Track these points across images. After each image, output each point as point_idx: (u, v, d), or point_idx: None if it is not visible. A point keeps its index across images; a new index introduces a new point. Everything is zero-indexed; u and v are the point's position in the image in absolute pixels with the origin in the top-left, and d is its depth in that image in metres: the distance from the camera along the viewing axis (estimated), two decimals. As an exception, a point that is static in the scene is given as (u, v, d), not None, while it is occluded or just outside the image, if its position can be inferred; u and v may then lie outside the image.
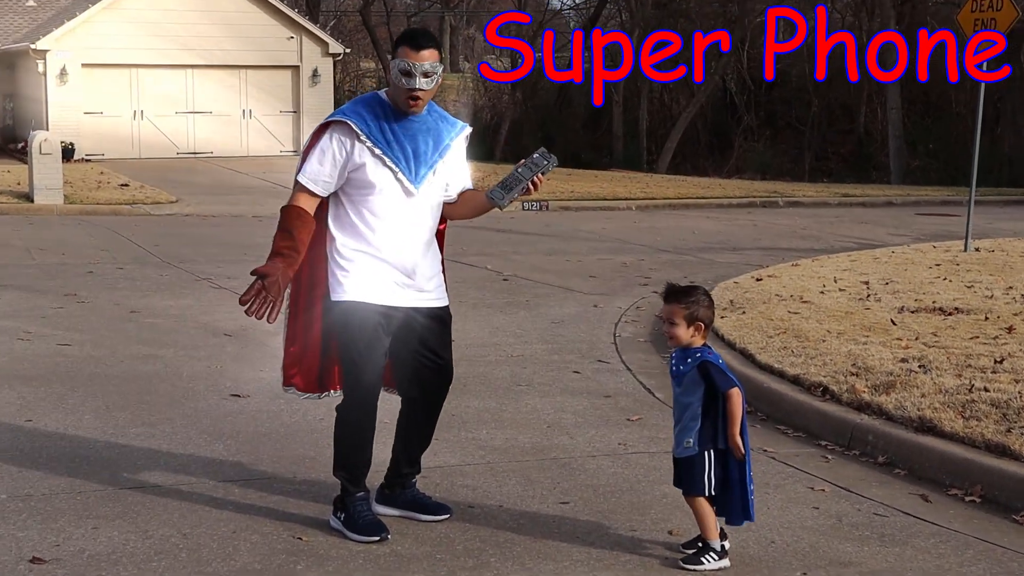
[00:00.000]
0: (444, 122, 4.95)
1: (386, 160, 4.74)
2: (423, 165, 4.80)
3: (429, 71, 4.69)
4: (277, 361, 5.23)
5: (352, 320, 4.73)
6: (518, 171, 4.67)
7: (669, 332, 4.60)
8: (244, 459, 5.89)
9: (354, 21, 47.67)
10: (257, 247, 14.78)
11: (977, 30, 13.60)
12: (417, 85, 4.68)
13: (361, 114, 4.78)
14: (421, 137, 4.81)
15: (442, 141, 4.87)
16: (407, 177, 4.77)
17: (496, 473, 5.63)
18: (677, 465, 4.65)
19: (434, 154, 4.83)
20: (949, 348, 7.66)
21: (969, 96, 33.07)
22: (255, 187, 23.70)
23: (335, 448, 4.92)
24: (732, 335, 8.43)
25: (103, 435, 6.26)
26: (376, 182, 4.75)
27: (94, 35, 28.70)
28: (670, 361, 4.72)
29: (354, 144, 4.74)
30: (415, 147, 4.79)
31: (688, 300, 4.56)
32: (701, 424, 4.53)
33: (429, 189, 4.84)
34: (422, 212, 4.84)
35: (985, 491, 5.48)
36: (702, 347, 4.59)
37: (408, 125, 4.80)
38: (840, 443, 6.37)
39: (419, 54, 4.67)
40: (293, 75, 31.35)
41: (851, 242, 16.69)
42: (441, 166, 4.86)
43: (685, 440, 4.56)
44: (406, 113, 4.79)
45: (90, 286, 11.35)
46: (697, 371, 4.52)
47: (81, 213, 18.97)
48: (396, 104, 4.79)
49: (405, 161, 4.77)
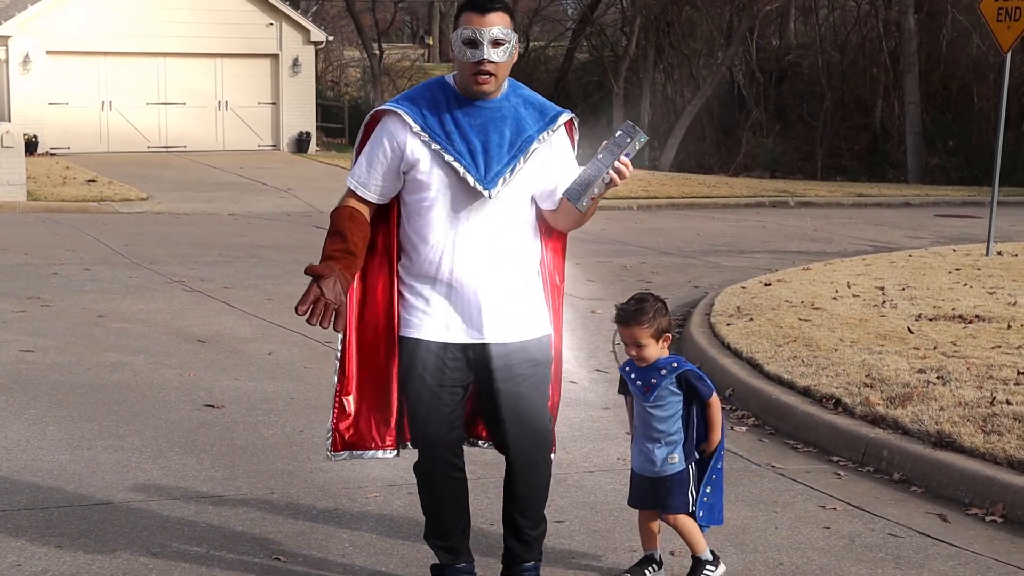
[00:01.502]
0: (530, 108, 4.24)
1: (445, 155, 4.11)
2: (496, 161, 4.13)
3: (500, 38, 4.04)
4: (253, 368, 5.22)
5: (415, 360, 4.23)
6: (598, 159, 4.04)
7: (639, 355, 4.49)
8: (218, 474, 5.89)
9: (337, 7, 47.65)
10: (233, 247, 14.83)
11: (1000, 19, 13.62)
12: (486, 55, 4.03)
13: (416, 101, 4.19)
14: (494, 127, 4.15)
15: (525, 131, 4.18)
16: (474, 176, 4.11)
17: (487, 490, 5.63)
18: (656, 484, 4.55)
19: (513, 148, 4.16)
20: (969, 358, 7.68)
21: (991, 90, 33.16)
22: (231, 183, 23.70)
23: (423, 511, 4.47)
24: (739, 343, 8.44)
25: (68, 447, 6.26)
26: (435, 184, 4.14)
27: (60, 20, 28.71)
28: (627, 376, 4.62)
29: (406, 138, 4.15)
30: (485, 140, 4.14)
31: (648, 318, 4.43)
32: (684, 437, 4.54)
33: (509, 193, 4.17)
34: (500, 223, 4.18)
35: (1007, 510, 5.50)
36: (671, 356, 4.55)
37: (477, 113, 4.16)
38: (853, 459, 6.38)
39: (485, 17, 4.03)
40: (272, 64, 31.38)
41: (866, 245, 16.72)
42: (527, 165, 4.18)
43: (668, 456, 4.50)
44: (474, 97, 4.15)
45: (54, 288, 11.34)
46: (675, 382, 4.48)
47: (45, 211, 18.96)
48: (463, 88, 4.16)
49: (471, 156, 4.12)
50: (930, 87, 35.52)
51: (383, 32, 45.49)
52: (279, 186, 23.19)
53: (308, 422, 6.83)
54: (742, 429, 7.03)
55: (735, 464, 6.24)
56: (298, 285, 11.78)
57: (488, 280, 4.19)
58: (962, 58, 36.12)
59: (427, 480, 4.33)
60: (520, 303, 4.26)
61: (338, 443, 4.45)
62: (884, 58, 36.86)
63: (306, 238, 16.06)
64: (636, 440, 4.61)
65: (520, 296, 4.26)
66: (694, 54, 40.05)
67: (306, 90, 31.71)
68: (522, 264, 4.27)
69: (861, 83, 38.13)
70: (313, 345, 8.94)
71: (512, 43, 4.08)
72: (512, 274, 4.23)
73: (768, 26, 41.11)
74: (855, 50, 38.61)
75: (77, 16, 28.82)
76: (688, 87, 39.02)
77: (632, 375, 4.57)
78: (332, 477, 5.84)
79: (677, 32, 39.88)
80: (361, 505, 5.45)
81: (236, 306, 10.46)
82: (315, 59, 33.12)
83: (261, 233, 16.64)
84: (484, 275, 4.18)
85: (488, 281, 4.19)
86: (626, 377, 4.63)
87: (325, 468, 5.97)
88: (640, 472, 4.59)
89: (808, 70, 39.66)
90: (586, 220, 4.34)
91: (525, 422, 4.27)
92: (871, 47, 38.14)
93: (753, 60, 39.20)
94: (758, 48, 39.44)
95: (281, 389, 7.60)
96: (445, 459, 4.28)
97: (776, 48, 41.51)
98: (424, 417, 4.23)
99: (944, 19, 36.38)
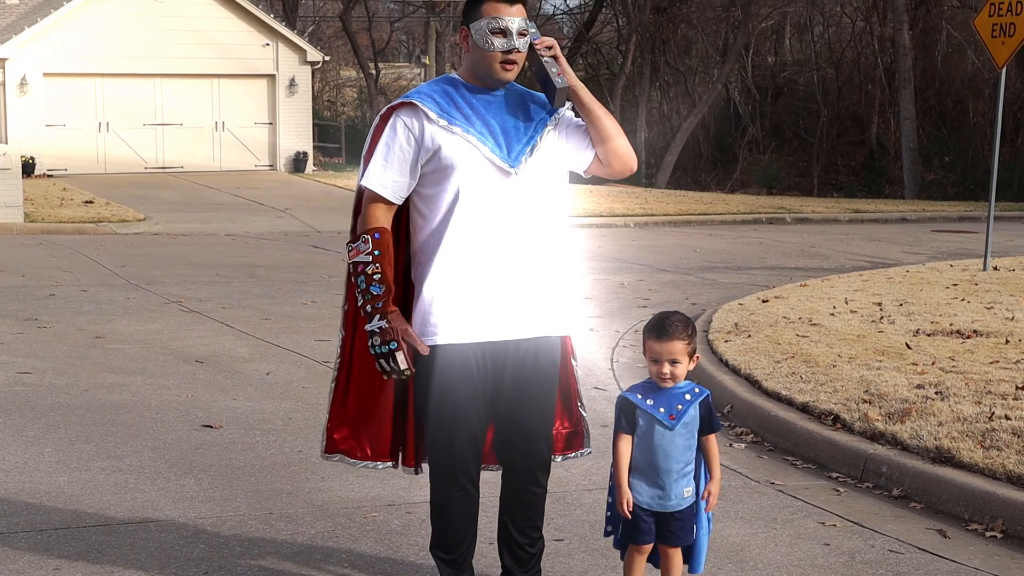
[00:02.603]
0: (530, 96, 4.32)
1: (468, 137, 4.12)
2: (517, 141, 4.17)
3: (524, 28, 4.14)
4: (252, 388, 5.21)
5: (435, 370, 4.15)
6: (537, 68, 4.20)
7: (672, 373, 4.14)
8: (217, 494, 5.87)
9: (334, 27, 47.76)
10: (230, 267, 14.82)
11: (995, 35, 13.66)
12: (516, 45, 4.11)
13: (428, 93, 4.21)
14: (508, 111, 4.21)
15: (537, 114, 4.26)
16: (498, 154, 4.14)
17: (485, 508, 5.61)
18: (667, 521, 4.24)
19: (529, 129, 4.21)
20: (967, 373, 7.68)
21: (987, 105, 33.25)
22: (228, 203, 23.71)
23: (431, 522, 4.42)
24: (737, 360, 8.44)
25: (66, 469, 6.24)
26: (459, 164, 4.11)
27: (57, 42, 28.76)
28: (641, 403, 4.20)
29: (423, 128, 4.14)
30: (502, 121, 4.19)
31: (688, 333, 4.15)
32: (695, 468, 4.26)
33: (534, 172, 4.18)
34: (528, 205, 4.17)
35: (1007, 526, 5.49)
36: (688, 381, 4.24)
37: (490, 99, 4.22)
38: (852, 475, 6.37)
39: (513, 8, 4.12)
40: (269, 84, 31.43)
41: (863, 261, 16.73)
42: (544, 144, 4.21)
43: (683, 489, 4.21)
44: (491, 87, 4.21)
45: (52, 310, 11.33)
46: (698, 409, 4.21)
47: (43, 232, 18.96)
48: (477, 78, 4.21)
49: (492, 137, 4.15)
50: (925, 103, 35.63)
51: (379, 52, 45.61)
52: (276, 206, 23.20)
53: (307, 442, 6.81)
54: (741, 446, 7.02)
55: (734, 481, 6.23)
56: (295, 305, 11.81)
57: (516, 266, 4.15)
58: (957, 74, 36.26)
59: (442, 497, 4.30)
60: (549, 295, 4.22)
61: (330, 446, 4.52)
62: (879, 74, 36.99)
63: (304, 257, 16.07)
64: (642, 475, 4.22)
65: (550, 287, 4.22)
66: (690, 71, 40.18)
67: (303, 110, 31.76)
68: (551, 250, 4.23)
69: (857, 99, 38.26)
70: (311, 365, 8.93)
71: (531, 33, 4.15)
72: (541, 261, 4.19)
73: (764, 43, 41.27)
74: (850, 66, 38.75)
75: (74, 38, 28.88)
76: (684, 104, 39.14)
77: (648, 402, 4.19)
78: (330, 497, 5.83)
79: (673, 50, 40.02)
80: (360, 525, 5.44)
81: (234, 326, 10.45)
82: (312, 79, 33.18)
83: (258, 253, 16.64)
84: (510, 260, 4.14)
85: (516, 267, 4.15)
86: (640, 405, 4.19)
87: (324, 488, 5.96)
88: (648, 507, 4.22)
89: (804, 87, 39.79)
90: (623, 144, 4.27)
91: (527, 433, 4.26)
92: (866, 63, 38.29)
93: (749, 77, 39.33)
94: (754, 65, 39.58)
95: (279, 409, 7.59)
96: (463, 485, 4.28)
97: (772, 65, 41.66)
98: (447, 443, 4.19)
99: (939, 35, 36.52)
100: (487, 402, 4.22)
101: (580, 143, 4.30)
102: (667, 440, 4.17)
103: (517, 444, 4.28)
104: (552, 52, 4.20)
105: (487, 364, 4.18)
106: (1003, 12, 13.67)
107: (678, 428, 4.17)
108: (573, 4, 47.65)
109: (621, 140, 4.28)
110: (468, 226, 4.13)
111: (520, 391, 4.23)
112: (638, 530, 4.26)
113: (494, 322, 4.15)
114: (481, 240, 4.13)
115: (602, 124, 4.24)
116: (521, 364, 4.21)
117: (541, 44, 4.18)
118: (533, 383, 4.24)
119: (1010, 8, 13.56)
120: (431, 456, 4.29)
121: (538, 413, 4.28)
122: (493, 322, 4.15)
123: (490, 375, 4.20)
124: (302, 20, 45.43)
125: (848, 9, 38.94)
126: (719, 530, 5.31)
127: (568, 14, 46.09)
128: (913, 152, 33.52)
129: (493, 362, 4.19)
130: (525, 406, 4.24)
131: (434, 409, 4.20)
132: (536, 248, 4.19)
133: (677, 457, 4.18)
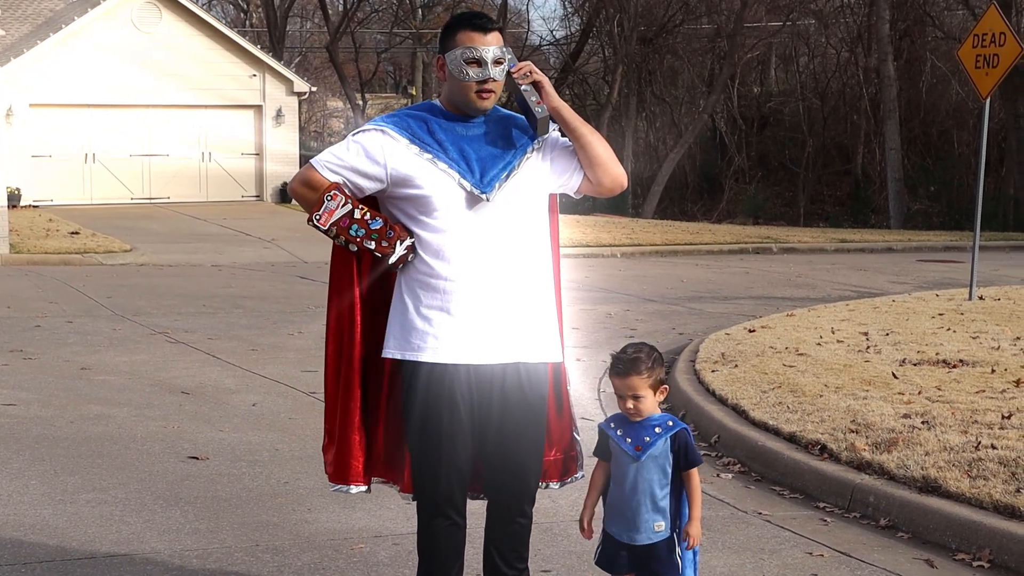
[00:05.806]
0: (512, 122, 4.29)
1: (438, 163, 4.13)
2: (491, 167, 4.15)
3: (500, 57, 4.13)
4: (238, 419, 5.20)
5: (417, 388, 4.14)
6: (517, 96, 4.21)
7: (636, 408, 4.15)
8: (203, 526, 5.86)
9: (320, 58, 47.90)
10: (217, 298, 14.80)
11: (979, 66, 13.75)
12: (491, 75, 4.12)
13: (401, 119, 4.23)
14: (486, 139, 4.20)
15: (518, 140, 4.24)
16: (470, 180, 4.12)
17: (472, 539, 5.61)
18: (647, 559, 4.21)
19: (507, 156, 4.20)
20: (954, 403, 7.69)
21: (971, 135, 33.42)
22: (215, 234, 23.70)
23: (418, 553, 4.40)
24: (724, 390, 8.45)
25: (51, 501, 6.22)
26: (432, 193, 4.11)
27: (43, 73, 28.74)
28: (612, 433, 4.23)
29: (392, 151, 4.15)
30: (478, 149, 4.18)
31: (646, 367, 4.17)
32: (670, 503, 4.20)
33: (511, 198, 4.17)
34: (502, 230, 4.15)
35: (994, 555, 5.49)
36: (664, 413, 4.24)
37: (468, 127, 4.22)
38: (839, 505, 6.37)
39: (487, 37, 4.12)
40: (256, 115, 31.46)
41: (849, 290, 16.77)
42: (526, 169, 4.21)
43: (655, 523, 4.16)
44: (469, 115, 4.21)
45: (37, 341, 11.31)
46: (669, 442, 4.16)
47: (28, 263, 18.92)
48: (455, 107, 4.22)
49: (465, 163, 4.15)
50: (911, 133, 35.83)
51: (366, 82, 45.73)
52: (263, 236, 23.20)
53: (293, 473, 6.80)
54: (728, 476, 7.02)
55: (721, 512, 6.23)
56: (282, 336, 11.80)
57: (495, 293, 4.14)
58: (941, 104, 36.48)
59: (428, 528, 4.28)
60: (531, 321, 4.20)
61: (330, 476, 4.46)
62: (864, 105, 37.20)
63: (290, 288, 16.06)
64: (613, 506, 4.25)
65: (531, 313, 4.20)
66: (676, 102, 40.36)
67: (289, 140, 31.77)
68: (532, 277, 4.22)
69: (842, 130, 38.45)
70: (297, 396, 8.92)
71: (507, 61, 4.16)
72: (522, 287, 4.18)
73: (749, 74, 41.48)
74: (836, 97, 38.96)
75: (60, 69, 28.87)
76: (670, 135, 39.30)
77: (619, 432, 4.21)
78: (317, 528, 5.82)
79: (659, 80, 40.21)
80: (347, 557, 5.43)
81: (220, 357, 10.44)
82: (299, 109, 33.22)
83: (245, 284, 16.63)
84: (489, 287, 4.13)
85: (495, 294, 4.14)
86: (611, 435, 4.23)
87: (310, 520, 5.95)
88: (618, 539, 4.23)
89: (789, 117, 39.99)
90: (612, 164, 4.25)
91: (515, 468, 4.24)
92: (851, 94, 38.50)
93: (735, 107, 39.52)
94: (740, 96, 39.78)
95: (266, 440, 7.57)
96: (449, 516, 4.26)
97: (757, 95, 41.87)
98: (432, 473, 4.16)
99: (923, 66, 36.77)
100: (474, 433, 4.20)
101: (567, 164, 4.30)
102: (633, 471, 4.16)
103: (505, 478, 4.26)
104: (531, 78, 4.19)
105: (471, 392, 4.15)
106: (987, 43, 13.76)
107: (644, 460, 4.14)
108: (560, 35, 47.87)
109: (609, 156, 4.27)
110: (443, 252, 4.13)
111: (508, 426, 4.20)
112: (614, 561, 4.27)
113: (475, 346, 4.13)
114: (458, 266, 4.12)
115: (587, 142, 4.23)
116: (507, 397, 4.18)
117: (518, 71, 4.18)
118: (520, 419, 4.21)
119: (993, 39, 13.65)
120: (417, 486, 4.28)
121: (527, 448, 4.26)
122: (474, 345, 4.13)
123: (475, 406, 4.17)
124: (289, 51, 45.57)
125: (833, 40, 39.17)
126: (706, 561, 5.31)
127: (555, 45, 46.28)
128: (898, 182, 33.67)
129: (479, 390, 4.16)
130: (514, 441, 4.21)
131: (419, 437, 4.19)
132: (515, 274, 4.17)
133: (644, 490, 4.15)
